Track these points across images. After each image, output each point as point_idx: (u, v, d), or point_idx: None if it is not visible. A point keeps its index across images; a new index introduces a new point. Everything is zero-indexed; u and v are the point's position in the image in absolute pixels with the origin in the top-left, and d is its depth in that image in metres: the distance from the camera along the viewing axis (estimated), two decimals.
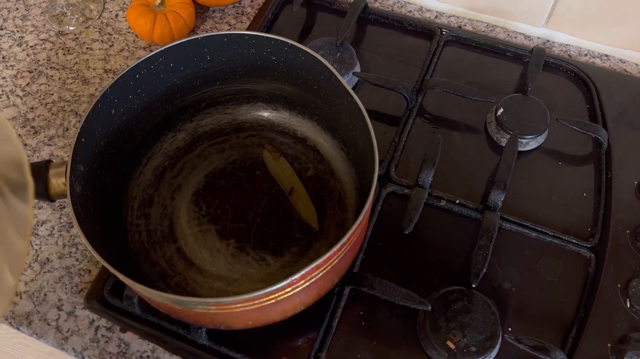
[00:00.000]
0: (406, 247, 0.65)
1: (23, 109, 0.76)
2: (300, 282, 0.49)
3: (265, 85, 0.67)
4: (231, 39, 0.62)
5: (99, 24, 0.85)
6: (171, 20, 0.78)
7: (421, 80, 0.76)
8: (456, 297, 0.59)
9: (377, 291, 0.59)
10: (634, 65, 0.79)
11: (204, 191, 0.67)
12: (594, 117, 0.73)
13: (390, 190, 0.68)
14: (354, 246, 0.55)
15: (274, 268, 0.62)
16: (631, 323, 0.59)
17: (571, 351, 0.58)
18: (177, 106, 0.67)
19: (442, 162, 0.69)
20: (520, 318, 0.60)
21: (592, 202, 0.67)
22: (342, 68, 0.75)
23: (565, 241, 0.64)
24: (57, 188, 0.55)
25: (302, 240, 0.64)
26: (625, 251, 0.63)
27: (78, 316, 0.62)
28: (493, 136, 0.72)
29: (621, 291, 0.61)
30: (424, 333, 0.58)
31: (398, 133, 0.71)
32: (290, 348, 0.59)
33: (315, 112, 0.68)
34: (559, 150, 0.71)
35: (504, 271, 0.63)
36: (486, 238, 0.62)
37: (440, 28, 0.81)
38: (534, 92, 0.75)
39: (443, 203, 0.67)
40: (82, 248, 0.66)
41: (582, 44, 0.81)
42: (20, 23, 0.85)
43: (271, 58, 0.63)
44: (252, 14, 0.85)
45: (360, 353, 0.58)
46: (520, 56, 0.79)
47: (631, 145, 0.71)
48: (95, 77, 0.79)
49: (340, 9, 0.84)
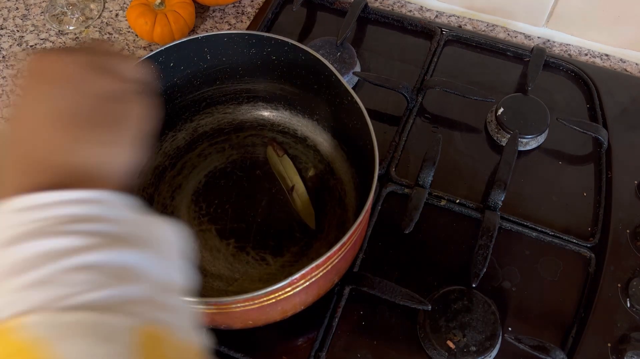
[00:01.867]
0: (406, 247, 0.65)
1: None
2: (301, 282, 0.49)
3: (265, 84, 0.67)
4: (231, 38, 0.62)
5: (99, 23, 0.85)
6: (171, 20, 0.78)
7: (421, 79, 0.76)
8: (456, 297, 0.59)
9: (377, 290, 0.59)
10: (634, 64, 0.79)
11: (204, 191, 0.67)
12: (594, 117, 0.73)
13: (391, 190, 0.68)
14: (354, 245, 0.55)
15: (274, 268, 0.62)
16: (631, 323, 0.59)
17: (571, 350, 0.58)
18: (177, 105, 0.67)
19: (442, 161, 0.69)
20: (521, 317, 0.60)
21: (592, 202, 0.67)
22: (342, 68, 0.75)
23: (566, 241, 0.64)
24: None
25: (302, 240, 0.64)
26: (625, 251, 0.63)
27: None
28: (493, 136, 0.72)
29: (621, 291, 0.61)
30: (424, 332, 0.58)
31: (398, 133, 0.71)
32: (290, 348, 0.59)
33: (316, 112, 0.68)
34: (559, 149, 0.71)
35: (504, 270, 0.63)
36: (486, 237, 0.62)
37: (440, 27, 0.81)
38: (534, 91, 0.74)
39: (443, 202, 0.67)
40: None
41: (582, 44, 0.81)
42: (21, 22, 0.85)
43: (271, 57, 0.63)
44: (252, 13, 0.85)
45: (361, 353, 0.58)
46: (520, 56, 0.79)
47: (631, 145, 0.71)
48: None
49: (340, 9, 0.84)
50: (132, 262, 0.28)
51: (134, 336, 0.25)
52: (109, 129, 0.32)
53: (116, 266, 0.27)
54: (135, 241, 0.29)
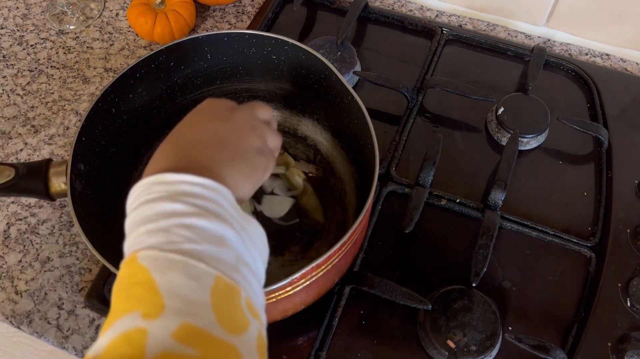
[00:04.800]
0: (406, 246, 0.65)
1: (23, 108, 0.76)
2: (301, 281, 0.49)
3: (265, 84, 0.67)
4: (232, 38, 0.62)
5: (99, 22, 0.85)
6: (172, 19, 0.78)
7: (422, 79, 0.76)
8: (456, 296, 0.59)
9: (378, 290, 0.59)
10: (634, 64, 0.79)
11: None
12: (595, 116, 0.73)
13: (391, 189, 0.68)
14: (355, 245, 0.55)
15: (274, 267, 0.62)
16: (631, 322, 0.59)
17: (571, 350, 0.58)
18: (178, 105, 0.67)
19: (443, 161, 0.69)
20: (521, 317, 0.60)
21: (593, 201, 0.67)
22: (342, 67, 0.75)
23: (566, 241, 0.64)
24: (57, 187, 0.55)
25: (303, 239, 0.64)
26: (625, 251, 0.63)
27: (78, 315, 0.62)
28: (494, 135, 0.72)
29: (621, 291, 0.61)
30: (424, 332, 0.58)
31: (398, 132, 0.71)
32: (290, 347, 0.59)
33: (316, 111, 0.68)
34: (559, 149, 0.71)
35: (504, 270, 0.63)
36: (486, 237, 0.62)
37: (440, 27, 0.81)
38: (535, 91, 0.74)
39: (443, 202, 0.67)
40: (82, 247, 0.66)
41: (583, 43, 0.81)
42: (21, 22, 0.85)
43: (271, 57, 0.63)
44: (252, 13, 0.85)
45: (361, 352, 0.58)
46: (520, 55, 0.79)
47: (632, 144, 0.71)
48: (96, 76, 0.79)
49: (340, 8, 0.84)
50: (224, 234, 0.36)
51: (213, 281, 0.33)
52: (246, 167, 0.42)
53: (213, 233, 0.35)
54: (233, 223, 0.37)
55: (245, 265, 0.36)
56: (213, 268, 0.33)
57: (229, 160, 0.40)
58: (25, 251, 0.66)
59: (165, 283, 0.32)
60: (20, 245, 0.66)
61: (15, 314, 0.62)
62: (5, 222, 0.68)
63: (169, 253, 0.33)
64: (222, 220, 0.36)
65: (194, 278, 0.33)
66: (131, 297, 0.33)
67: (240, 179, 0.41)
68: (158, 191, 0.36)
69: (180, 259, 0.33)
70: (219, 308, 0.32)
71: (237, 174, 0.40)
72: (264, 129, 0.46)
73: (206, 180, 0.37)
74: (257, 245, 0.39)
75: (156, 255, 0.33)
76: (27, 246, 0.66)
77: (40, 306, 0.62)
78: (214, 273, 0.33)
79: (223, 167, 0.40)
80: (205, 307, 0.32)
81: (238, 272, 0.35)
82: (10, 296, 0.63)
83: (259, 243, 0.39)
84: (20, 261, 0.65)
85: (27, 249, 0.66)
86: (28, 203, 0.69)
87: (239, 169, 0.41)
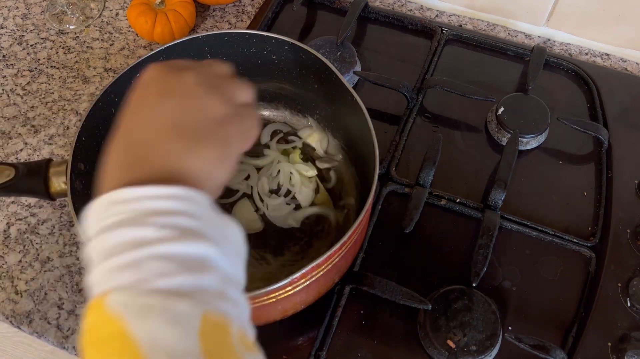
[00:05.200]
0: (407, 246, 0.65)
1: (23, 108, 0.76)
2: (301, 281, 0.49)
3: (265, 84, 0.67)
4: (232, 37, 0.62)
5: (99, 22, 0.85)
6: (171, 19, 0.78)
7: (422, 79, 0.76)
8: (457, 296, 0.59)
9: (378, 290, 0.59)
10: (634, 64, 0.79)
11: None
12: (595, 116, 0.73)
13: (391, 189, 0.68)
14: (355, 245, 0.55)
15: (274, 267, 0.62)
16: (631, 322, 0.59)
17: (571, 350, 0.58)
18: None
19: (443, 161, 0.69)
20: (521, 317, 0.60)
21: (593, 201, 0.67)
22: (342, 67, 0.75)
23: (566, 241, 0.64)
24: (57, 187, 0.55)
25: (303, 239, 0.64)
26: (625, 251, 0.63)
27: (79, 315, 0.62)
28: (494, 135, 0.72)
29: (621, 290, 0.61)
30: (424, 332, 0.58)
31: (399, 132, 0.71)
32: (290, 347, 0.59)
33: (316, 111, 0.68)
34: (559, 149, 0.71)
35: (504, 270, 0.63)
36: (487, 237, 0.62)
37: (440, 27, 0.81)
38: (535, 91, 0.74)
39: (443, 202, 0.67)
40: (82, 247, 0.66)
41: (583, 43, 0.81)
42: (21, 22, 0.85)
43: (272, 57, 0.63)
44: (252, 12, 0.85)
45: (361, 352, 0.58)
46: (521, 55, 0.79)
47: (632, 144, 0.71)
48: (96, 75, 0.79)
49: (340, 8, 0.84)
50: (205, 255, 0.31)
51: (200, 322, 0.29)
52: (214, 148, 0.34)
53: (192, 256, 0.30)
54: (211, 236, 0.32)
55: (231, 282, 0.32)
56: (197, 305, 0.29)
57: (191, 148, 0.34)
58: (25, 251, 0.66)
59: (144, 334, 0.27)
60: (20, 244, 0.66)
61: (15, 314, 0.62)
62: (5, 222, 0.68)
63: (142, 296, 0.28)
64: (200, 237, 0.31)
65: (177, 323, 0.28)
66: (106, 355, 0.28)
67: (210, 166, 0.34)
68: (119, 213, 0.31)
69: (157, 302, 0.28)
70: (211, 355, 0.28)
71: (204, 162, 0.34)
72: (226, 85, 0.38)
73: (171, 189, 0.31)
74: (236, 248, 0.35)
75: (127, 300, 0.28)
76: (27, 246, 0.66)
77: (40, 306, 0.62)
78: (199, 312, 0.29)
79: (186, 159, 0.33)
80: (195, 358, 0.28)
81: (225, 298, 0.31)
82: (10, 296, 0.63)
83: (237, 244, 0.35)
84: (20, 261, 0.65)
85: (27, 249, 0.66)
86: (28, 203, 0.69)
87: (206, 155, 0.34)
